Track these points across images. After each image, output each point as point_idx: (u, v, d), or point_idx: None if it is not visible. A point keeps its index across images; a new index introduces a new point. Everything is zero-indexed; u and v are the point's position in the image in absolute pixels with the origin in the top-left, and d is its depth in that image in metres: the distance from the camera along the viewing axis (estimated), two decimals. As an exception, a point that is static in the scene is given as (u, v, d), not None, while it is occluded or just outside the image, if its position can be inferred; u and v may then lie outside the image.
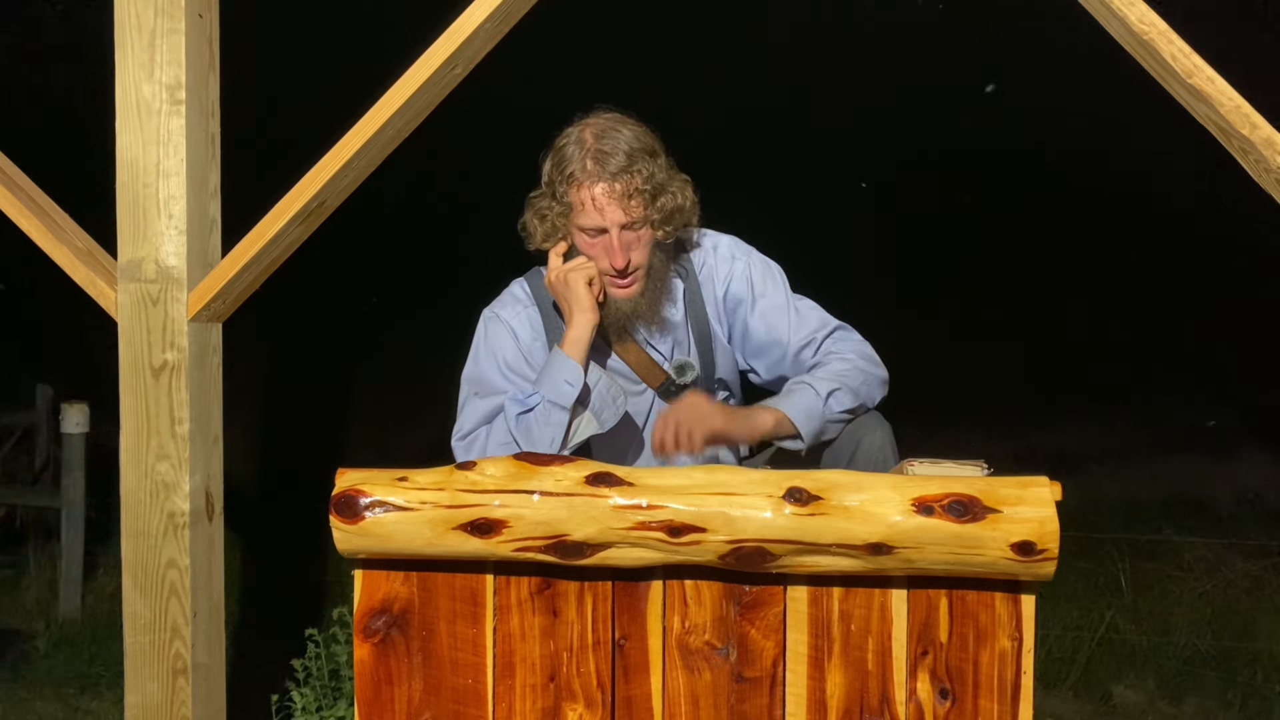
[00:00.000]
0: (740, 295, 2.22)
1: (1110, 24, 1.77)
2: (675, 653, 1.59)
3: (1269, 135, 1.70)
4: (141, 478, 1.99)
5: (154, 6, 1.94)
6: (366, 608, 1.62)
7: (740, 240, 2.28)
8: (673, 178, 2.10)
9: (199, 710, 2.01)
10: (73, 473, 4.25)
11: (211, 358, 2.05)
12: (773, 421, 2.05)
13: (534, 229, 2.13)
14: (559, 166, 2.06)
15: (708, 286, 2.22)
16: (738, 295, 2.22)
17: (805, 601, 1.57)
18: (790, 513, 1.46)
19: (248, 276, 1.98)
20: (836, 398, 2.06)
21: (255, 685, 2.81)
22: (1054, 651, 3.64)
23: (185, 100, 1.94)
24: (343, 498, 1.54)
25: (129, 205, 1.97)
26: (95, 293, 2.02)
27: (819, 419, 2.05)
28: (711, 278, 2.22)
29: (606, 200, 2.02)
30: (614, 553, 1.52)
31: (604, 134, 2.04)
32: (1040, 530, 1.44)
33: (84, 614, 4.14)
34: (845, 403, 2.07)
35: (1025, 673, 1.55)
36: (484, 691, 1.61)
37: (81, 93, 4.08)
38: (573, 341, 2.05)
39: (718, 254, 2.24)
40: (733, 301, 2.22)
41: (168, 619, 1.99)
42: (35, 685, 3.56)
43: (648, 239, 2.08)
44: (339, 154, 1.89)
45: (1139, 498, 5.72)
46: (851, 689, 1.56)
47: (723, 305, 2.22)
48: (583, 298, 2.05)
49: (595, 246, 2.07)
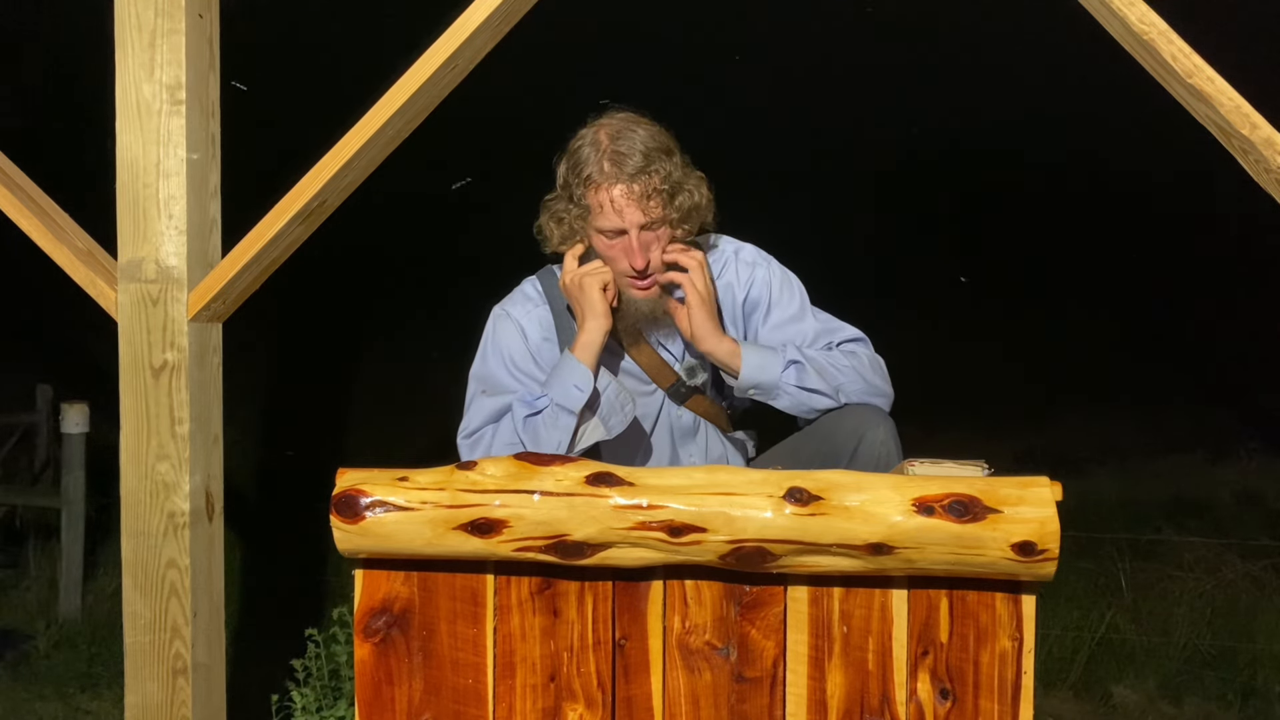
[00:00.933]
0: (758, 300, 2.22)
1: (1110, 24, 1.77)
2: (675, 653, 1.59)
3: (1269, 135, 1.70)
4: (141, 478, 1.99)
5: (154, 6, 1.94)
6: (367, 608, 1.62)
7: (762, 249, 2.28)
8: (689, 175, 2.09)
9: (199, 710, 2.01)
10: (73, 473, 4.25)
11: (211, 358, 2.05)
12: (726, 351, 2.08)
13: (550, 232, 2.13)
14: (575, 169, 2.05)
15: (727, 290, 2.21)
16: (756, 300, 2.22)
17: (806, 601, 1.57)
18: (791, 513, 1.46)
19: (248, 276, 1.98)
20: (799, 369, 2.06)
21: (255, 685, 2.81)
22: (1054, 651, 3.64)
23: (185, 100, 1.94)
24: (343, 498, 1.54)
25: (129, 205, 1.97)
26: (95, 293, 2.02)
27: (770, 377, 2.07)
28: (732, 282, 2.22)
29: (625, 202, 2.01)
30: (614, 553, 1.52)
31: (619, 135, 2.03)
32: (1041, 530, 1.44)
33: (84, 614, 4.14)
34: (807, 381, 2.06)
35: (1025, 673, 1.55)
36: (484, 691, 1.61)
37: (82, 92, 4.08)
38: (584, 346, 2.04)
39: (739, 258, 2.24)
40: (750, 305, 2.23)
41: (168, 619, 1.99)
42: (35, 685, 3.56)
43: (666, 239, 2.07)
44: (339, 154, 1.89)
45: (1139, 498, 5.72)
46: (852, 689, 1.56)
47: (740, 310, 2.22)
48: (596, 303, 2.05)
49: (614, 248, 2.06)
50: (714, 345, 2.08)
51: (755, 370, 2.07)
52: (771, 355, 2.09)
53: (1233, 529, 5.04)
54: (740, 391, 2.12)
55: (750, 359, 2.08)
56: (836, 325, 2.22)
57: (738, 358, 2.08)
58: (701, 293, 2.07)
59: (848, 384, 2.08)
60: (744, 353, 2.08)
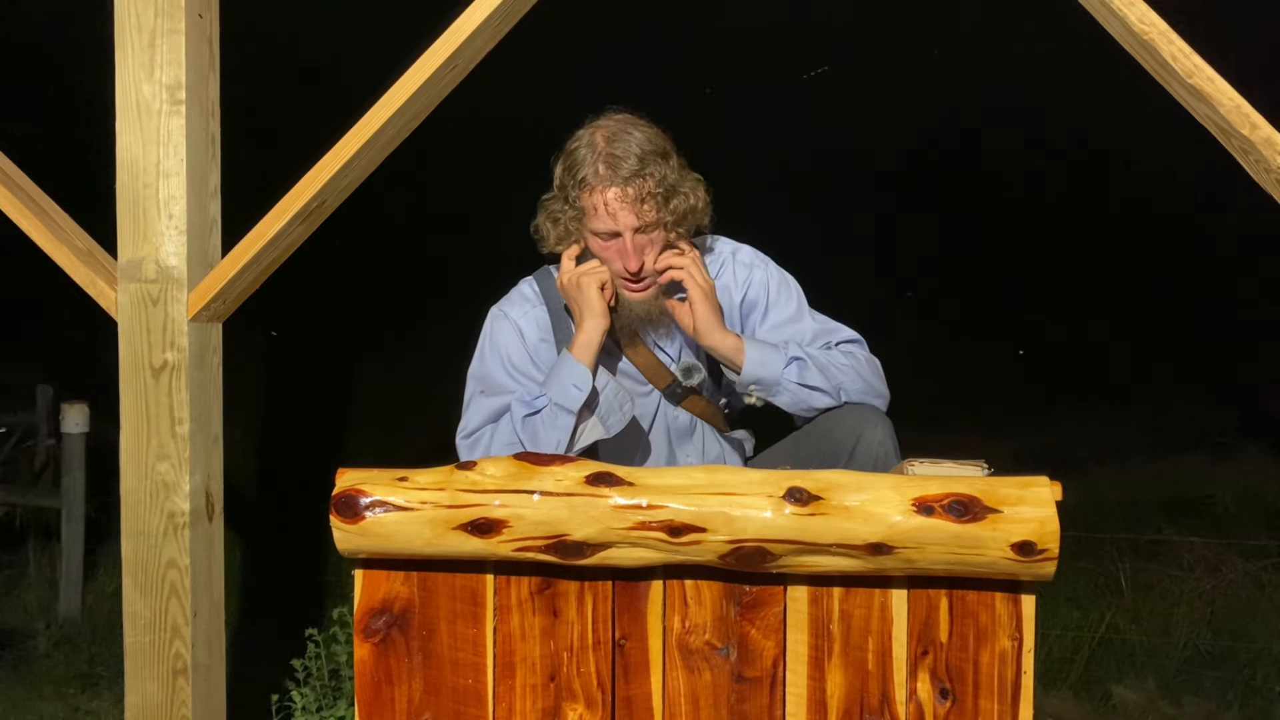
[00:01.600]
0: (756, 300, 2.22)
1: (1110, 24, 1.77)
2: (675, 653, 1.59)
3: (1269, 135, 1.70)
4: (141, 478, 1.99)
5: (154, 6, 1.94)
6: (366, 608, 1.62)
7: (759, 250, 2.28)
8: (685, 178, 2.09)
9: (199, 710, 2.01)
10: (73, 473, 4.24)
11: (211, 358, 2.05)
12: (730, 346, 2.07)
13: (547, 232, 2.13)
14: (571, 171, 2.05)
15: (724, 292, 2.21)
16: (753, 300, 2.23)
17: (805, 601, 1.57)
18: (790, 513, 1.46)
19: (248, 276, 1.98)
20: (800, 366, 2.06)
21: (255, 685, 2.81)
22: (1054, 651, 3.64)
23: (185, 100, 1.94)
24: (343, 497, 1.54)
25: (129, 205, 1.97)
26: (95, 293, 2.02)
27: (771, 373, 2.07)
28: (729, 284, 2.22)
29: (619, 205, 2.01)
30: (614, 553, 1.52)
31: (615, 137, 2.03)
32: (1040, 530, 1.44)
33: (84, 614, 4.14)
34: (809, 378, 2.06)
35: (1025, 673, 1.55)
36: (484, 691, 1.61)
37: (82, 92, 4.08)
38: (582, 346, 2.04)
39: (737, 259, 2.25)
40: (748, 306, 2.23)
41: (168, 619, 1.99)
42: (35, 685, 3.56)
43: (661, 241, 2.07)
44: (339, 154, 1.89)
45: (1139, 498, 5.71)
46: (851, 689, 1.56)
47: (738, 310, 2.22)
48: (594, 302, 2.05)
49: (608, 250, 2.06)
50: (718, 340, 2.08)
51: (757, 365, 2.07)
52: (773, 351, 2.09)
53: (1233, 529, 5.04)
54: (742, 387, 2.12)
55: (753, 354, 2.08)
56: (834, 326, 2.22)
57: (741, 353, 2.08)
58: (703, 286, 2.08)
59: (848, 383, 2.09)
60: (747, 348, 2.08)
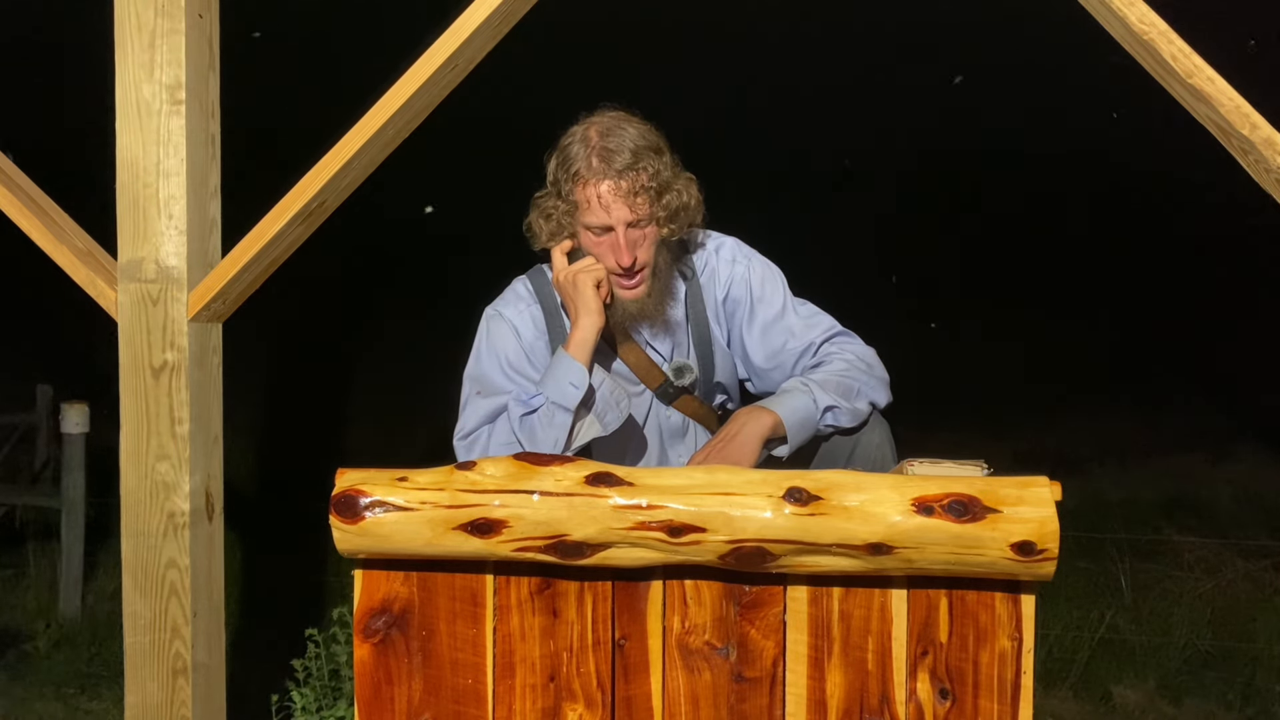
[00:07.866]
0: (739, 299, 2.22)
1: (1110, 24, 1.77)
2: (675, 653, 1.59)
3: (1269, 135, 1.70)
4: (141, 478, 1.99)
5: (154, 6, 1.94)
6: (366, 608, 1.62)
7: (743, 243, 2.28)
8: (678, 175, 2.09)
9: (199, 710, 2.01)
10: (73, 473, 4.24)
11: (211, 358, 2.05)
12: (770, 426, 2.04)
13: (539, 229, 2.13)
14: (564, 165, 2.06)
15: (709, 289, 2.21)
16: (736, 299, 2.22)
17: (805, 601, 1.57)
18: (790, 513, 1.46)
19: (248, 276, 1.98)
20: (834, 414, 2.07)
21: (255, 685, 2.81)
22: (1054, 651, 3.64)
23: (185, 100, 1.94)
24: (343, 498, 1.54)
25: (129, 205, 1.97)
26: (95, 293, 2.02)
27: (812, 429, 2.06)
28: (713, 280, 2.22)
29: (612, 198, 2.02)
30: (614, 553, 1.52)
31: (609, 132, 2.04)
32: (1040, 530, 1.44)
33: (84, 614, 4.14)
34: (841, 420, 2.07)
35: (1025, 673, 1.55)
36: (484, 691, 1.61)
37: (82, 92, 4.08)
38: (578, 343, 2.04)
39: (719, 256, 2.24)
40: (732, 305, 2.22)
41: (168, 619, 1.99)
42: (35, 685, 3.56)
43: (653, 237, 2.07)
44: (339, 154, 1.89)
45: (1139, 498, 5.72)
46: (851, 689, 1.56)
47: (722, 308, 2.22)
48: (590, 300, 2.05)
49: (601, 245, 2.06)
50: (756, 448, 2.03)
51: (797, 425, 2.05)
52: (801, 401, 2.06)
53: (1233, 529, 5.04)
54: (788, 453, 2.09)
55: (789, 416, 2.04)
56: (817, 320, 2.22)
57: (778, 423, 2.04)
58: (714, 451, 2.06)
59: (863, 388, 2.11)
60: (778, 412, 2.04)
